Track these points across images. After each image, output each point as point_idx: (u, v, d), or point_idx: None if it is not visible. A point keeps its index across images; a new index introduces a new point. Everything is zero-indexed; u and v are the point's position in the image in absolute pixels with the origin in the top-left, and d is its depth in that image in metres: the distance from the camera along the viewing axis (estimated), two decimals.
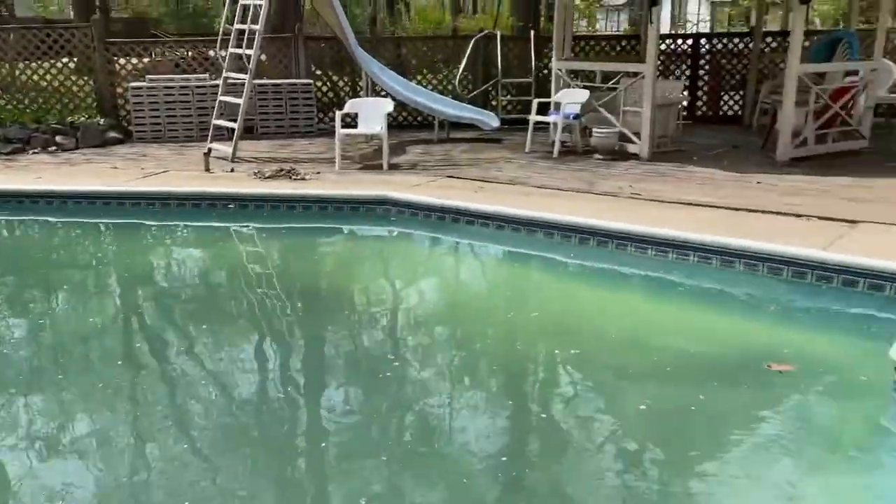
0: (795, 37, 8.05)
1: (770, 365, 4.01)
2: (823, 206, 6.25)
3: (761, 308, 5.07)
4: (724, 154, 8.98)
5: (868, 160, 8.40)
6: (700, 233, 5.53)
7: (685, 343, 4.58)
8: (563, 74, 9.71)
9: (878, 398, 3.59)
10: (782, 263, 5.09)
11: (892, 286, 4.71)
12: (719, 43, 12.37)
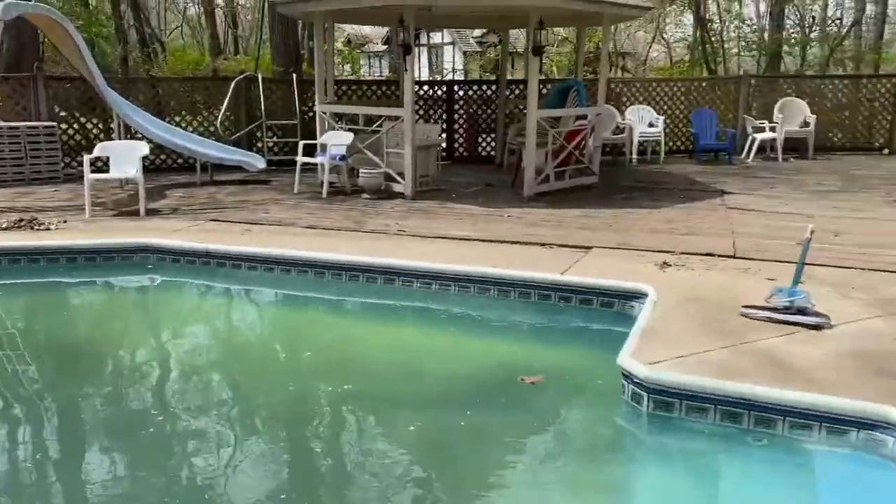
0: (532, 85, 8.99)
1: (523, 378, 4.42)
2: (563, 235, 7.01)
3: (514, 329, 5.56)
4: (479, 191, 9.71)
5: (598, 193, 9.54)
6: (460, 264, 5.94)
7: (451, 368, 4.88)
8: (328, 117, 9.93)
9: (610, 400, 4.11)
10: (530, 287, 5.63)
11: (619, 301, 5.41)
12: (470, 90, 13.38)
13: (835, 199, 9.02)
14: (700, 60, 18.95)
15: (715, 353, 4.11)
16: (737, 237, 6.95)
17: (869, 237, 6.98)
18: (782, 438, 3.56)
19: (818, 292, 4.99)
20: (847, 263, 6.01)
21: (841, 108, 13.51)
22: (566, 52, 23.58)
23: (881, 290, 5.34)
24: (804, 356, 4.08)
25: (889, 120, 13.29)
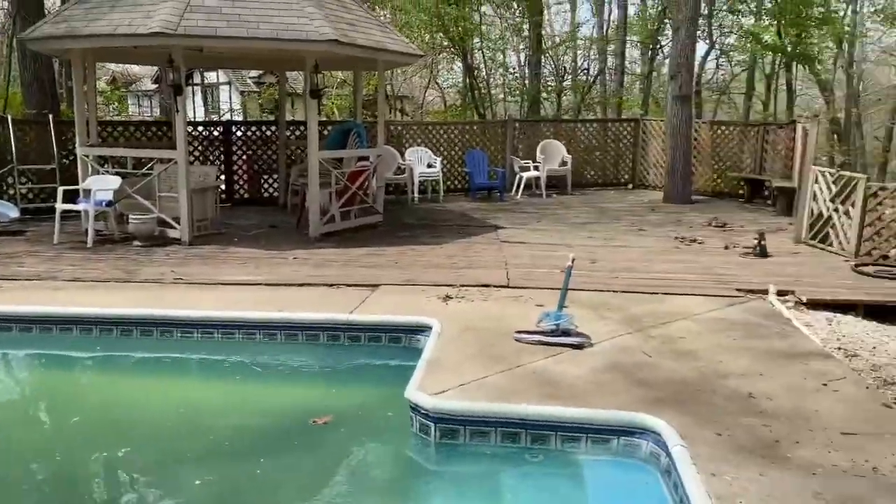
0: (311, 127, 9.07)
1: (314, 420, 4.40)
2: (350, 275, 7.10)
3: (304, 372, 5.51)
4: (263, 234, 9.53)
5: (383, 231, 9.79)
6: (244, 310, 5.79)
7: (240, 417, 4.72)
8: (91, 160, 9.24)
9: (401, 433, 4.22)
10: (318, 329, 5.62)
11: (406, 336, 5.58)
12: (249, 130, 13.15)
13: (591, 230, 10.01)
14: (470, 105, 20.23)
15: (493, 378, 4.39)
16: (510, 268, 7.48)
17: (620, 263, 7.83)
18: (555, 453, 3.88)
19: (580, 314, 5.52)
20: (602, 287, 6.71)
21: (593, 149, 15.08)
22: (346, 93, 23.99)
23: (631, 309, 6.01)
24: (570, 374, 4.49)
25: (632, 158, 15.05)
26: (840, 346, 5.21)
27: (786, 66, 21.09)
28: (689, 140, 12.90)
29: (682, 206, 12.32)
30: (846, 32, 20.45)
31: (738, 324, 5.63)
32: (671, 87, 12.99)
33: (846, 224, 8.23)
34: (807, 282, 6.91)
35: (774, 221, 10.72)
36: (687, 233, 9.72)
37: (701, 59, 20.15)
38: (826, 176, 8.73)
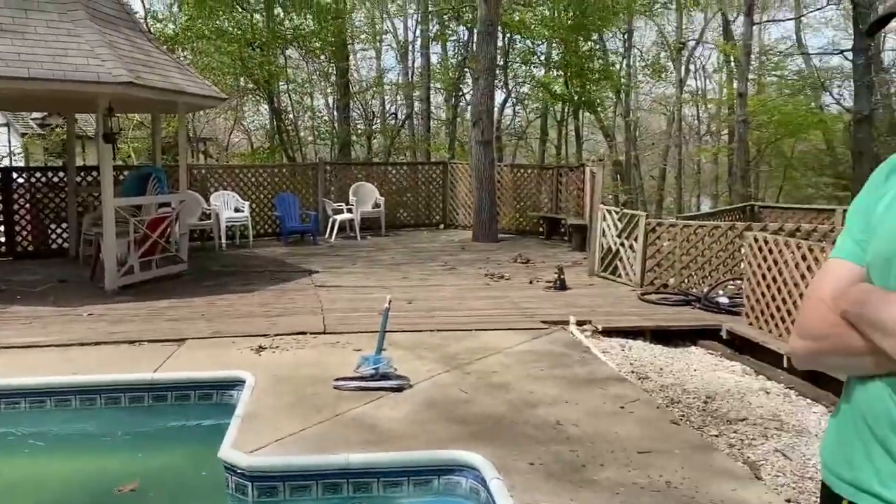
0: (105, 172, 8.48)
1: (119, 489, 4.05)
2: (153, 330, 6.66)
3: (105, 438, 5.06)
4: (51, 289, 8.70)
5: (189, 281, 9.31)
6: (29, 376, 5.23)
7: (38, 493, 4.23)
8: None
9: (216, 494, 3.99)
10: (120, 391, 5.20)
11: (218, 392, 5.32)
12: (33, 176, 12.03)
13: (406, 271, 10.20)
14: (279, 148, 19.99)
15: (312, 430, 4.30)
16: (326, 313, 7.41)
17: (435, 301, 8.04)
18: (379, 499, 3.86)
19: (399, 355, 5.58)
20: (419, 327, 6.84)
21: (404, 190, 15.45)
22: (144, 136, 22.71)
23: (448, 347, 6.18)
24: (390, 418, 4.51)
25: (442, 199, 15.60)
26: (633, 370, 5.69)
27: (574, 114, 23.01)
28: (493, 182, 13.62)
29: (490, 245, 12.93)
30: (622, 84, 22.75)
31: (544, 354, 5.98)
32: (474, 133, 13.68)
33: (631, 257, 9.07)
34: (601, 311, 7.51)
35: (571, 256, 11.56)
36: (495, 269, 10.20)
37: (499, 106, 21.46)
38: (612, 214, 9.58)
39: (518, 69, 20.88)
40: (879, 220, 1.31)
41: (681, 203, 28.19)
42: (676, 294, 8.25)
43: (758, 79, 24.93)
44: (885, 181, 1.36)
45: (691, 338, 6.93)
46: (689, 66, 27.84)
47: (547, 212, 14.37)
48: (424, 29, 22.59)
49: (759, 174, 26.12)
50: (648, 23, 25.63)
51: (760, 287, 6.71)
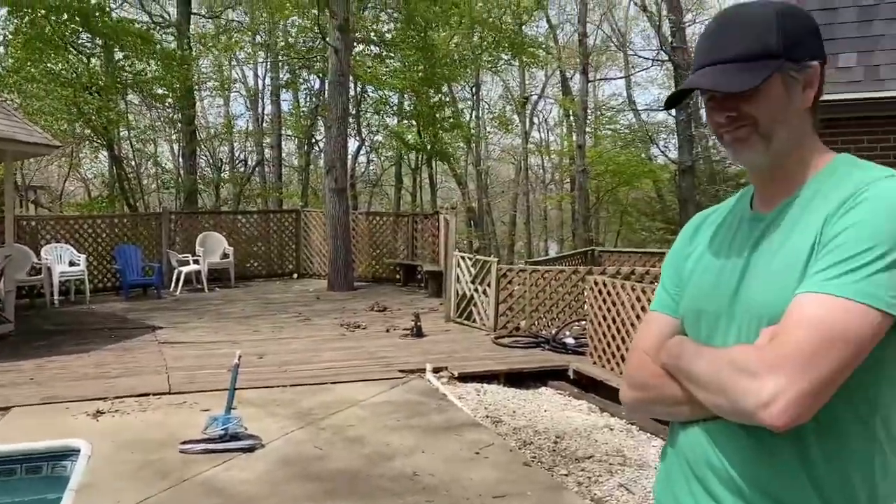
0: None
1: None
2: None
3: None
4: None
5: (15, 342, 8.53)
6: None
7: None
8: None
9: None
10: None
11: (49, 464, 4.88)
12: None
13: (257, 323, 9.90)
14: (119, 197, 18.93)
15: (156, 498, 4.04)
16: (171, 372, 7.02)
17: (288, 355, 7.85)
18: None
19: (249, 414, 5.38)
20: (271, 382, 6.64)
21: (255, 239, 15.06)
22: None
23: (301, 402, 6.04)
24: (241, 480, 4.33)
25: (295, 248, 15.34)
26: (488, 415, 5.82)
27: (427, 162, 23.57)
28: (349, 230, 13.61)
29: (345, 293, 12.83)
30: (472, 135, 23.64)
31: (401, 404, 5.98)
32: (328, 181, 13.65)
33: (485, 302, 9.33)
34: (457, 357, 7.64)
35: (428, 302, 11.71)
36: (351, 319, 10.13)
37: (353, 154, 21.60)
38: (466, 260, 9.85)
39: (371, 118, 21.19)
40: (688, 277, 1.43)
41: (530, 247, 29.45)
42: (527, 337, 8.56)
43: (594, 132, 26.74)
44: (692, 238, 1.49)
45: (542, 379, 7.19)
46: (533, 118, 29.43)
47: (403, 259, 14.52)
48: (275, 77, 22.45)
49: (599, 219, 27.86)
50: (495, 77, 26.91)
51: (602, 327, 7.12)
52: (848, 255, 1.14)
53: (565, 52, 25.54)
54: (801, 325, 1.13)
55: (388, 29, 19.20)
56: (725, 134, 1.30)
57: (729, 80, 1.24)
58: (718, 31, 1.31)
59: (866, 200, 1.17)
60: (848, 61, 6.56)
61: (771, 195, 1.33)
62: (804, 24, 1.31)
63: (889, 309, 1.12)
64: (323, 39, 14.58)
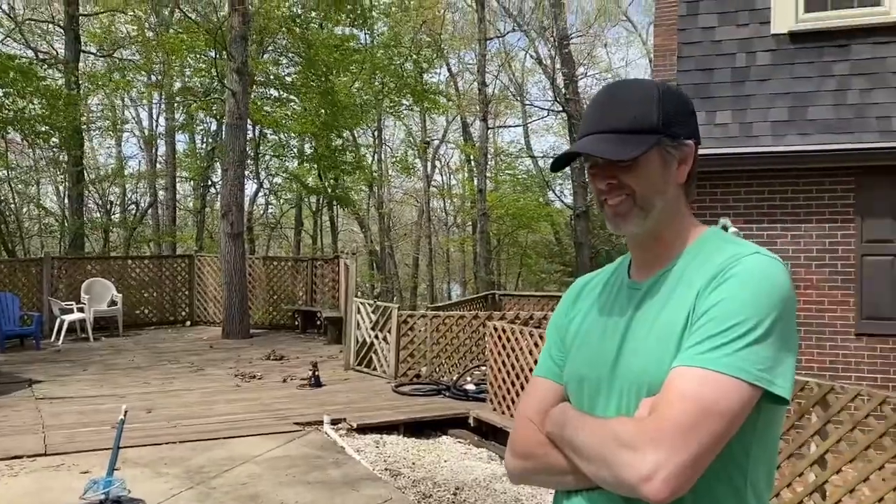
0: None
1: None
2: None
3: None
4: None
5: None
6: None
7: None
8: None
9: None
10: None
11: None
12: None
13: (146, 375, 9.41)
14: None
15: None
16: (48, 431, 6.55)
17: (177, 409, 7.49)
18: None
19: (135, 475, 5.08)
20: (160, 439, 6.30)
21: (146, 286, 14.41)
22: None
23: (192, 460, 5.75)
24: None
25: (188, 294, 14.77)
26: (387, 467, 5.72)
27: (328, 205, 23.38)
28: (245, 275, 13.24)
29: (241, 341, 12.43)
30: (374, 178, 23.68)
31: (298, 459, 5.80)
32: (223, 225, 13.29)
33: (386, 349, 9.25)
34: (357, 407, 7.51)
35: (327, 350, 11.50)
36: (247, 369, 9.80)
37: (251, 197, 21.17)
38: (366, 306, 9.76)
39: (270, 161, 20.86)
40: (571, 342, 1.46)
41: (433, 290, 29.55)
42: (428, 384, 8.52)
43: (494, 176, 27.36)
44: (575, 303, 1.52)
45: (442, 427, 7.16)
46: (435, 162, 29.84)
47: (302, 305, 14.23)
48: (170, 118, 21.82)
49: (501, 262, 28.35)
50: (397, 121, 27.18)
51: (501, 373, 7.18)
52: (719, 330, 1.19)
53: (465, 100, 26.16)
54: (678, 399, 1.18)
55: (289, 73, 19.11)
56: (607, 205, 1.36)
57: (611, 149, 1.31)
58: (604, 102, 1.38)
59: (734, 276, 1.23)
60: (724, 118, 7.03)
61: (647, 265, 1.39)
62: (682, 105, 1.39)
63: (758, 381, 1.17)
64: (220, 82, 14.32)
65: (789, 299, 1.24)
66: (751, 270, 1.24)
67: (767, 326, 1.19)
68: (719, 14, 7.25)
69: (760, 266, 1.24)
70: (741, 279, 1.23)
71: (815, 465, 4.17)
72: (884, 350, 6.54)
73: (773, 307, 1.20)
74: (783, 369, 1.20)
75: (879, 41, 6.71)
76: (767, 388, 1.18)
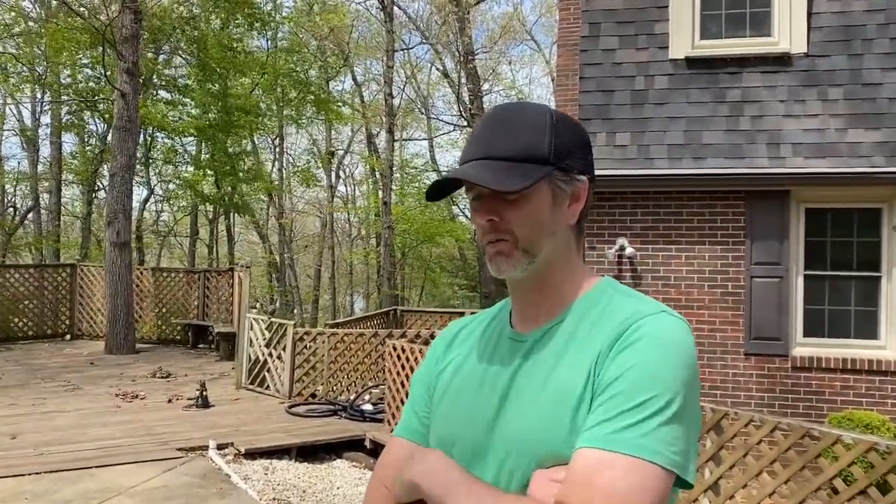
0: None
1: None
2: None
3: None
4: None
5: None
6: None
7: None
8: None
9: None
10: None
11: None
12: None
13: (15, 395, 8.65)
14: None
15: None
16: None
17: (49, 434, 6.87)
18: None
19: None
20: (23, 469, 5.74)
21: (23, 296, 13.35)
22: None
23: (56, 494, 5.24)
24: None
25: (70, 307, 13.79)
26: (275, 497, 5.39)
27: (225, 214, 22.53)
28: (131, 287, 12.49)
29: (125, 357, 11.68)
30: (275, 187, 23.03)
31: (178, 489, 5.38)
32: (109, 233, 12.49)
33: (280, 367, 8.86)
34: (246, 430, 7.11)
35: (219, 367, 10.95)
36: (129, 387, 9.18)
37: (141, 203, 20.12)
38: (259, 322, 9.33)
39: (162, 166, 19.89)
40: (440, 397, 1.26)
41: (335, 302, 29.01)
42: (324, 404, 8.20)
43: (400, 189, 27.21)
44: (445, 353, 1.32)
45: (337, 450, 6.87)
46: (339, 173, 29.39)
47: (193, 318, 13.55)
48: (56, 116, 20.46)
49: (405, 275, 28.15)
50: (300, 130, 26.59)
51: (400, 394, 6.96)
52: (630, 406, 1.04)
53: (371, 111, 25.91)
54: (589, 487, 1.01)
55: (182, 74, 18.30)
56: (488, 246, 1.17)
57: (495, 179, 1.12)
58: (490, 126, 1.19)
59: (641, 339, 1.08)
60: (623, 140, 7.12)
61: (532, 315, 1.21)
62: (577, 136, 1.21)
63: (672, 466, 1.02)
64: (109, 83, 13.49)
65: (697, 370, 1.10)
66: (658, 335, 1.08)
67: (680, 403, 1.05)
68: (620, 37, 7.36)
69: (668, 330, 1.09)
70: (650, 344, 1.07)
71: (708, 490, 4.18)
72: (770, 369, 6.76)
73: (684, 379, 1.06)
74: (692, 452, 1.07)
75: (768, 70, 6.98)
76: (680, 475, 1.03)
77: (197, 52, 16.38)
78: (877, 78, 6.79)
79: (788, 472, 3.88)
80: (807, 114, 6.82)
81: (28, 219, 22.35)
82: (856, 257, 6.80)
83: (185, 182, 19.33)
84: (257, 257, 27.16)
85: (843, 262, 6.82)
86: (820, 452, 3.80)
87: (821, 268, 6.83)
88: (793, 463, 3.91)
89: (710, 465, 4.20)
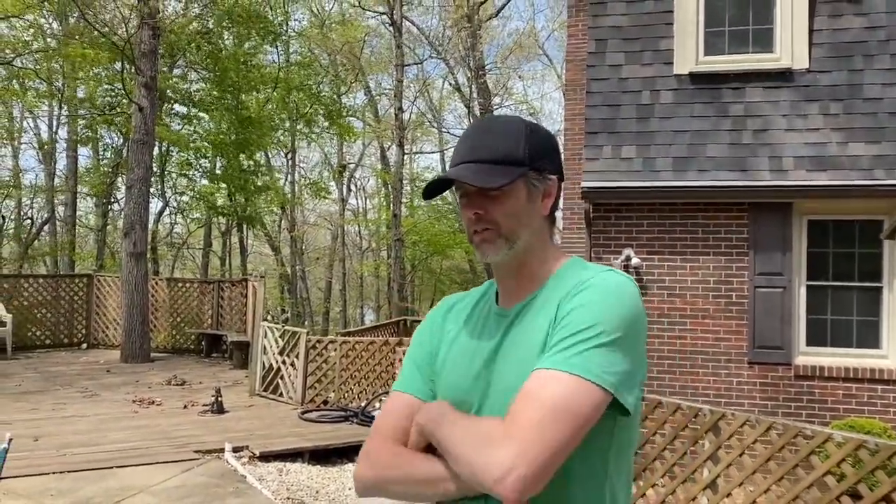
0: None
1: None
2: None
3: None
4: None
5: None
6: None
7: None
8: None
9: None
10: None
11: None
12: None
13: (36, 400, 8.87)
14: None
15: None
16: None
17: (70, 437, 7.08)
18: None
19: None
20: (47, 469, 5.94)
21: (40, 305, 13.62)
22: None
23: (82, 491, 5.44)
24: None
25: (86, 316, 14.05)
26: (289, 497, 5.56)
27: (238, 226, 22.81)
28: (147, 297, 12.73)
29: (141, 365, 11.90)
30: (287, 200, 23.30)
31: (196, 489, 5.57)
32: (125, 244, 12.75)
33: (293, 374, 9.05)
34: (260, 434, 7.29)
35: (233, 375, 11.15)
36: (146, 394, 9.38)
37: (156, 215, 20.42)
38: (273, 331, 9.53)
39: (177, 179, 20.18)
40: (441, 366, 1.47)
41: (346, 314, 29.20)
42: (336, 410, 8.38)
43: (410, 202, 27.44)
44: (443, 323, 1.53)
45: (348, 455, 7.03)
46: (351, 186, 29.67)
47: (208, 328, 13.77)
48: (72, 130, 20.84)
49: (415, 287, 28.34)
50: (312, 143, 26.90)
51: None
52: (571, 332, 1.27)
53: (382, 125, 26.19)
54: (528, 398, 1.23)
55: (198, 89, 18.62)
56: (475, 235, 1.41)
57: (480, 178, 1.37)
58: (476, 134, 1.46)
59: (591, 286, 1.32)
60: (629, 153, 7.30)
61: (514, 292, 1.44)
62: (547, 142, 1.46)
63: (602, 383, 1.23)
64: (128, 97, 13.81)
65: (639, 314, 1.32)
66: (604, 284, 1.32)
67: (619, 335, 1.26)
68: (626, 53, 7.56)
69: (614, 281, 1.33)
70: (594, 290, 1.31)
71: (706, 489, 4.33)
72: (773, 378, 6.89)
73: (621, 318, 1.28)
74: (631, 381, 1.27)
75: (771, 85, 7.15)
76: (613, 392, 1.23)
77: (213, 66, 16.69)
78: (877, 93, 6.95)
79: (782, 471, 4.03)
80: (808, 128, 6.99)
81: (44, 230, 22.71)
82: (857, 268, 6.94)
83: (198, 193, 19.61)
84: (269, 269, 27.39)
85: (844, 273, 6.96)
86: (812, 451, 3.95)
87: (823, 278, 6.97)
88: (787, 462, 4.05)
89: (709, 464, 4.35)
